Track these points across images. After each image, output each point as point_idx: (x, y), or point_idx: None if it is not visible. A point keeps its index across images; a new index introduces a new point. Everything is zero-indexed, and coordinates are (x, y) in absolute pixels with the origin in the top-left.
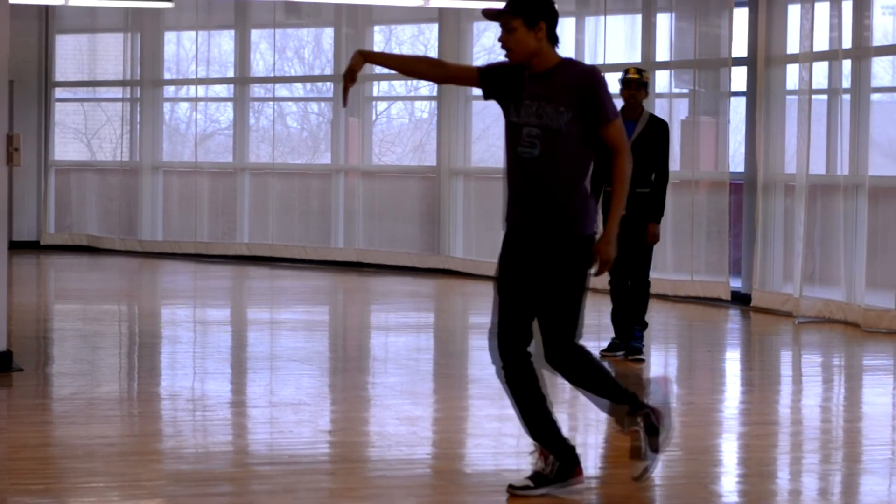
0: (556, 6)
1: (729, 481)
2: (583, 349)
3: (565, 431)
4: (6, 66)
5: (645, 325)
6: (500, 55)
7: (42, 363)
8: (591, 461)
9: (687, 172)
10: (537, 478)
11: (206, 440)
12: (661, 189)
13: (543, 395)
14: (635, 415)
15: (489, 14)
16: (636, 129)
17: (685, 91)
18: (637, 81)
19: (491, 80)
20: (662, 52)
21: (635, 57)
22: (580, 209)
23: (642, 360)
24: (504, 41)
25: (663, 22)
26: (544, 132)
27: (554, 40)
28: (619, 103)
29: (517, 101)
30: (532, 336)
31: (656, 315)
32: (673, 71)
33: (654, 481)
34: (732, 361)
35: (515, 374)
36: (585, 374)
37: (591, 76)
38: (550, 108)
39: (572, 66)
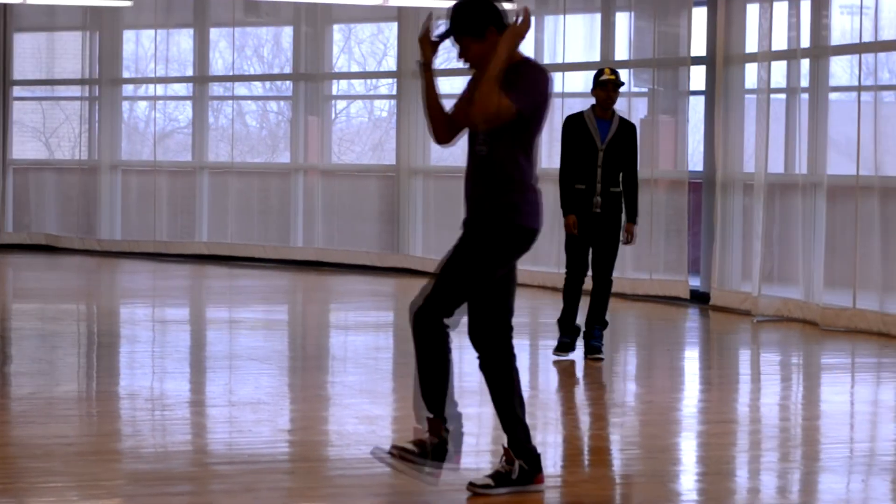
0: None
1: (688, 479)
2: (437, 329)
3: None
4: None
5: (605, 325)
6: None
7: (0, 362)
8: (553, 459)
9: (646, 171)
10: (498, 477)
11: (164, 439)
12: (634, 190)
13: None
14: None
15: (441, 39)
16: (610, 131)
17: (644, 90)
18: (613, 82)
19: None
20: (621, 51)
21: (594, 56)
22: (516, 203)
23: (601, 360)
24: (464, 60)
25: (622, 21)
26: (492, 131)
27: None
28: (589, 102)
29: None
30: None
31: (615, 314)
32: (632, 70)
33: (613, 480)
34: (691, 360)
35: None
36: (421, 351)
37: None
38: None
39: (527, 66)
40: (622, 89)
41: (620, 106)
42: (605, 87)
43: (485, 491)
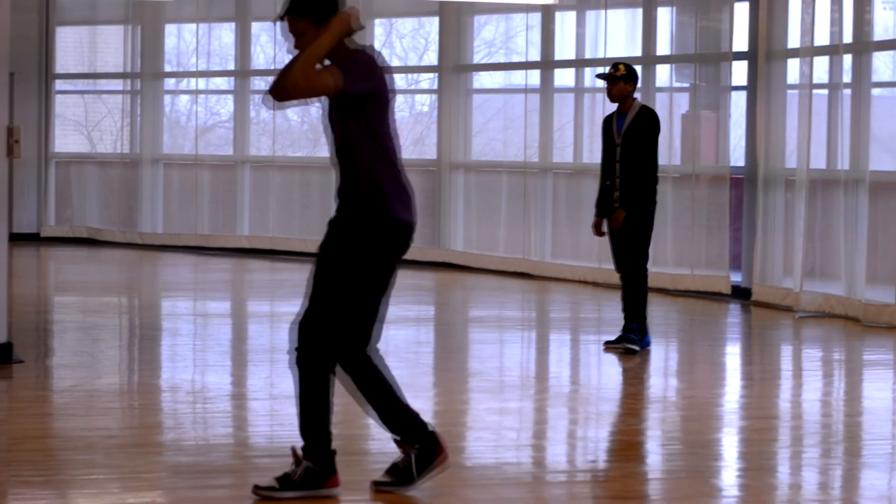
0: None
1: (729, 475)
2: (320, 364)
3: (563, 426)
4: (7, 58)
5: (643, 319)
6: (499, 50)
7: (42, 355)
8: (595, 454)
9: (687, 166)
10: (285, 480)
11: (206, 432)
12: (635, 176)
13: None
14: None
15: (280, 18)
16: (626, 122)
17: (686, 85)
18: (610, 76)
19: None
20: (663, 47)
21: (636, 51)
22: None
23: (633, 352)
24: (296, 47)
25: (664, 16)
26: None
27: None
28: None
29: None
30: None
31: (657, 309)
32: (674, 65)
33: (654, 475)
34: (733, 356)
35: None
36: (303, 388)
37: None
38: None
39: (359, 54)
40: (663, 84)
41: (662, 101)
42: (606, 81)
43: (268, 493)
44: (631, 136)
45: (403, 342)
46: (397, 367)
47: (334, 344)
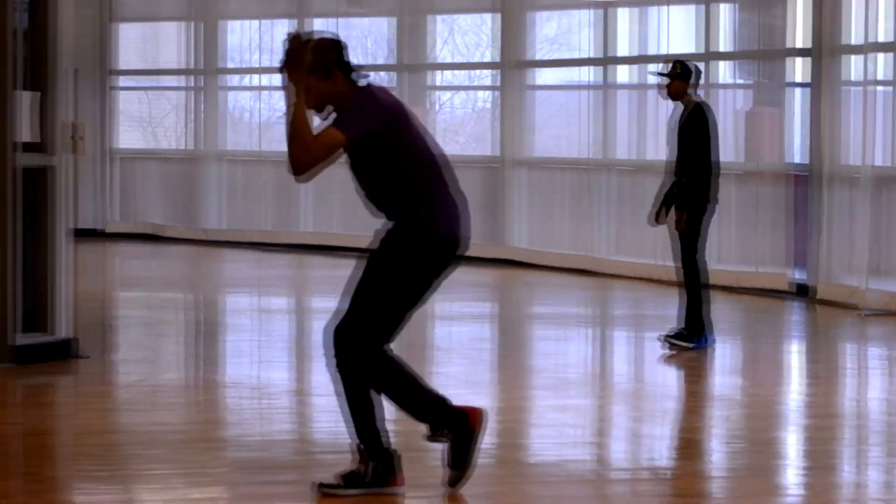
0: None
1: (792, 474)
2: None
3: (625, 424)
4: (70, 54)
5: (694, 314)
6: (559, 47)
7: (107, 350)
8: (657, 452)
9: (750, 164)
10: (351, 477)
11: (268, 428)
12: (687, 175)
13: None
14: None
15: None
16: (680, 121)
17: (746, 82)
18: (665, 75)
19: None
20: (724, 43)
21: (696, 48)
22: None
23: (674, 348)
24: (304, 98)
25: (725, 12)
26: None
27: (349, 71)
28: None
29: None
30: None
31: (720, 307)
32: (735, 62)
33: (717, 473)
34: (796, 353)
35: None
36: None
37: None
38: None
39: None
40: (725, 81)
41: (724, 98)
42: (662, 79)
43: (333, 491)
44: (683, 133)
45: (466, 339)
46: (459, 364)
47: (372, 348)
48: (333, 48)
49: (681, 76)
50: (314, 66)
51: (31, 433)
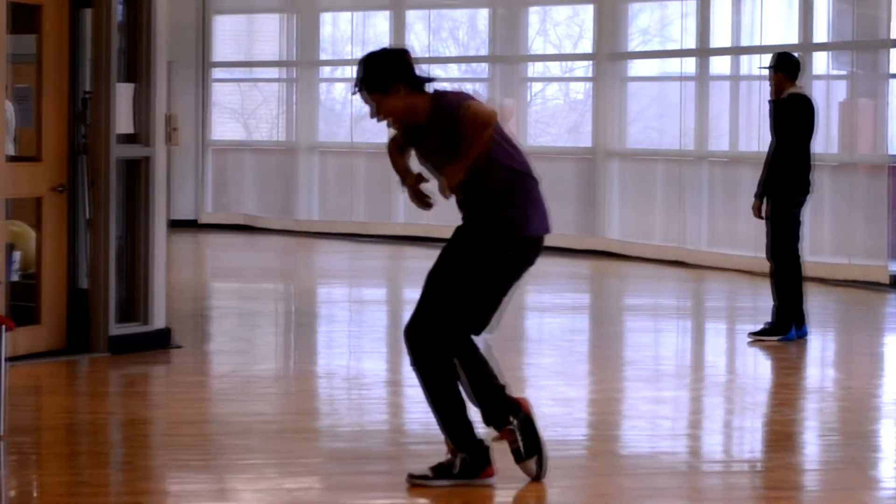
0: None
1: (888, 467)
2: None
3: (719, 416)
4: (165, 47)
5: (790, 308)
6: (654, 38)
7: (200, 340)
8: (751, 444)
9: (845, 155)
10: (440, 469)
11: (361, 419)
12: (772, 163)
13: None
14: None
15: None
16: (777, 112)
17: (843, 73)
18: (769, 67)
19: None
20: (820, 34)
21: (792, 38)
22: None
23: (760, 341)
24: (377, 115)
25: (822, 3)
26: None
27: (419, 86)
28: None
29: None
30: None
31: (814, 299)
32: (831, 52)
33: (811, 466)
34: (892, 346)
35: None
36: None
37: (454, 109)
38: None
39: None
40: (820, 72)
41: (819, 89)
42: (768, 72)
43: (421, 482)
44: (779, 123)
45: (559, 330)
46: (552, 355)
47: (451, 344)
48: (397, 61)
49: (777, 68)
50: (373, 81)
51: (126, 423)
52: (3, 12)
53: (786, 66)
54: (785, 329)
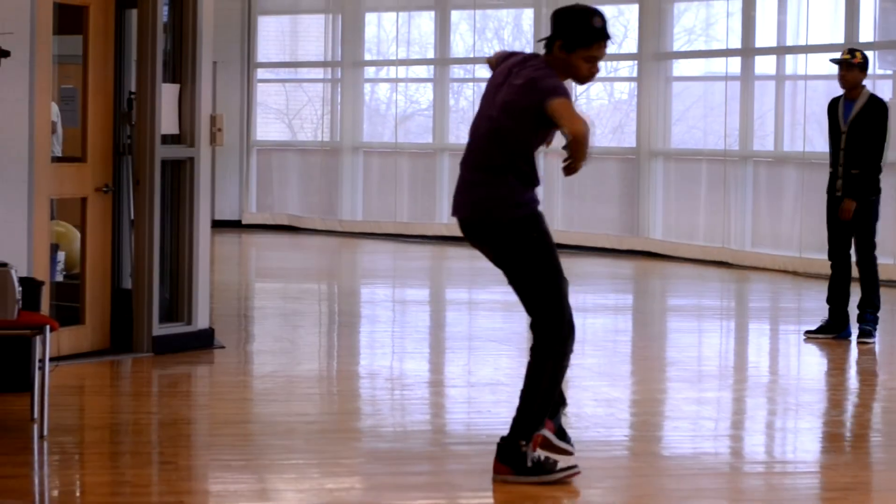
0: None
1: None
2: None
3: (762, 417)
4: (211, 46)
5: (877, 308)
6: (699, 38)
7: (243, 341)
8: (794, 445)
9: (892, 155)
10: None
11: (404, 419)
12: (862, 166)
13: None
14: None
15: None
16: (853, 110)
17: (889, 72)
18: (846, 62)
19: None
20: (866, 33)
21: (838, 37)
22: None
23: (869, 343)
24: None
25: (867, 2)
26: None
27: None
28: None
29: None
30: None
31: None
32: (877, 51)
33: (856, 467)
34: None
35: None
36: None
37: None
38: None
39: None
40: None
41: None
42: (840, 67)
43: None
44: (859, 124)
45: (601, 330)
46: (594, 355)
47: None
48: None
49: (860, 66)
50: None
51: (168, 422)
52: (49, 13)
53: (866, 65)
54: (842, 327)
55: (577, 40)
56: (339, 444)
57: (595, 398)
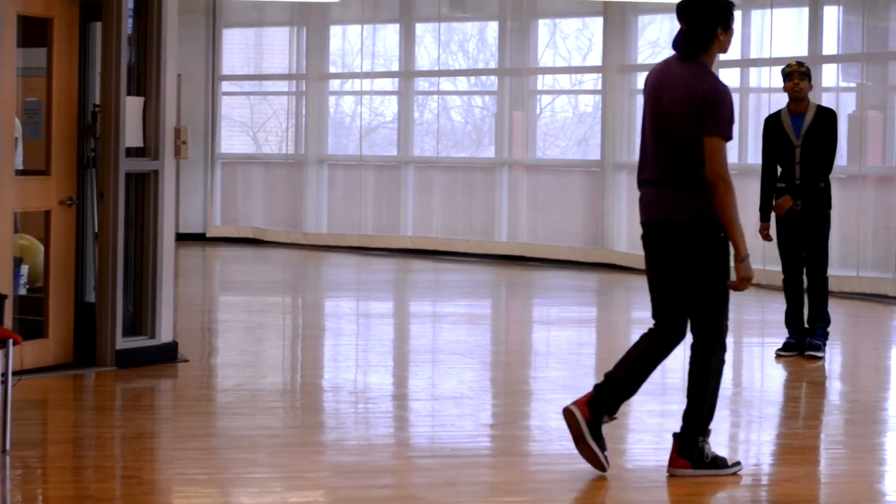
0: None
1: (894, 480)
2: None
3: (725, 429)
4: (175, 59)
5: (827, 322)
6: (664, 50)
7: (207, 354)
8: (754, 458)
9: (854, 167)
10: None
11: (368, 432)
12: (815, 173)
13: None
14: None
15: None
16: (804, 124)
17: (852, 85)
18: (799, 72)
19: None
20: (830, 46)
21: (802, 51)
22: None
23: (818, 358)
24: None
25: (831, 15)
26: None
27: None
28: (784, 98)
29: None
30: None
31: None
32: (840, 64)
33: (818, 479)
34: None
35: None
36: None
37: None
38: None
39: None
40: (830, 84)
41: (828, 101)
42: (791, 77)
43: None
44: (813, 136)
45: (566, 343)
46: (559, 368)
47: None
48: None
49: (808, 76)
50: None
51: (132, 436)
52: (13, 25)
53: (810, 74)
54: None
55: (730, 15)
56: (303, 458)
57: (559, 411)
